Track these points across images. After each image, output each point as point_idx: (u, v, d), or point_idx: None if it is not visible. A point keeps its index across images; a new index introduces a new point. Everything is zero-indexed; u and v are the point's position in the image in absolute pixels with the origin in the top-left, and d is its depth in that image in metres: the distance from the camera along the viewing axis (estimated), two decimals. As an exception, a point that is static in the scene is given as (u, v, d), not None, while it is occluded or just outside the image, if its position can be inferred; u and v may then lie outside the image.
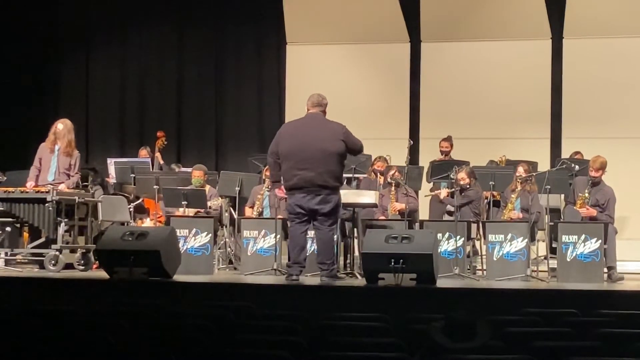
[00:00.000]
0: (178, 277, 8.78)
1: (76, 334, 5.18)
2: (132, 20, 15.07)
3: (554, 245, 9.99)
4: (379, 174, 11.27)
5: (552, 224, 10.13)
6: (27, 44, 14.72)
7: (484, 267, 10.21)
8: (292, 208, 8.83)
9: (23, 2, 14.65)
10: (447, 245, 9.98)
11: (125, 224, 10.98)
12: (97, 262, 9.61)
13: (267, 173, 10.77)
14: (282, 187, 9.08)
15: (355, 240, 10.27)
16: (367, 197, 9.99)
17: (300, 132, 8.86)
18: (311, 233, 9.21)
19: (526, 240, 9.73)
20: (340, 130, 8.83)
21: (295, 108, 13.72)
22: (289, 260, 9.18)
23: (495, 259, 9.79)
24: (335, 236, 9.43)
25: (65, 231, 9.76)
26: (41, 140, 10.25)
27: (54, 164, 10.02)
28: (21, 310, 6.27)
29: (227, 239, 11.10)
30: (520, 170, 10.46)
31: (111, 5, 14.91)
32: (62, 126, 10.12)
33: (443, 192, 10.95)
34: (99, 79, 15.15)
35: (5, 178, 11.30)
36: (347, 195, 9.96)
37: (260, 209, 10.96)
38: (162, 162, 12.88)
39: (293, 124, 9.15)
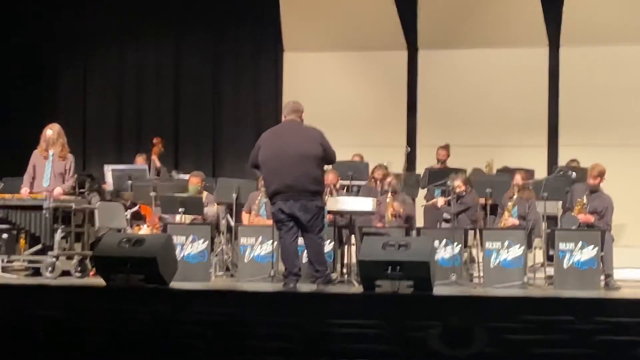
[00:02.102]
0: (175, 284, 8.76)
1: (73, 341, 5.17)
2: (129, 28, 15.06)
3: (551, 253, 10.00)
4: (378, 181, 11.29)
5: (549, 231, 10.14)
6: (25, 50, 14.72)
7: (481, 275, 10.20)
8: (276, 215, 8.81)
9: (20, 9, 14.65)
10: (444, 252, 9.98)
11: (122, 230, 10.96)
12: (94, 269, 9.60)
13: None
14: None
15: (353, 247, 10.27)
16: (365, 204, 9.98)
17: (277, 138, 8.86)
18: (301, 240, 9.20)
19: (523, 247, 9.73)
20: (318, 135, 8.82)
21: (292, 115, 13.73)
22: (285, 270, 9.16)
23: (492, 266, 9.79)
24: (328, 241, 9.43)
25: (62, 238, 9.75)
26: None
27: (48, 170, 10.01)
28: (18, 318, 6.26)
29: (224, 246, 11.08)
30: (518, 178, 10.47)
31: (109, 12, 14.91)
32: (51, 132, 10.11)
33: (440, 201, 10.97)
34: (96, 86, 15.15)
35: (2, 185, 11.28)
36: (345, 202, 9.97)
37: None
38: (159, 164, 12.83)
39: (270, 131, 9.12)
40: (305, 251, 9.12)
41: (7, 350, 4.88)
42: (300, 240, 8.96)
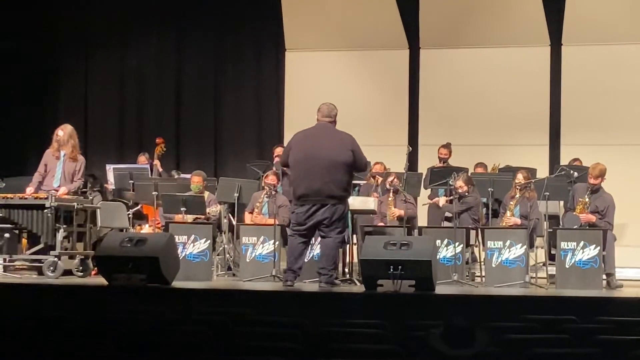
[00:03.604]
0: (177, 284, 8.77)
1: (75, 341, 5.17)
2: (131, 27, 15.07)
3: (552, 252, 10.00)
4: (377, 176, 11.29)
5: (550, 230, 10.14)
6: (26, 50, 14.73)
7: (483, 274, 10.21)
8: (298, 217, 8.83)
9: (22, 8, 14.65)
10: (446, 251, 9.98)
11: (124, 230, 10.97)
12: (96, 268, 9.60)
13: (267, 180, 10.79)
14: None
15: (354, 247, 10.27)
16: (366, 203, 9.98)
17: (308, 141, 8.89)
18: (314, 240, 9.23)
19: (525, 246, 9.73)
20: (349, 140, 8.88)
21: (294, 114, 13.75)
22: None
23: (494, 265, 9.79)
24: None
25: (64, 237, 9.75)
26: (40, 147, 10.27)
27: (59, 170, 10.03)
28: (20, 317, 6.26)
29: (225, 245, 11.09)
30: (520, 177, 10.46)
31: (111, 11, 14.92)
32: (62, 132, 10.14)
33: (442, 200, 10.96)
34: (98, 85, 15.15)
35: (4, 184, 11.29)
36: (346, 201, 9.97)
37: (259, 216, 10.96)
38: (161, 169, 12.86)
39: (302, 133, 9.15)
40: (319, 250, 9.19)
41: (7, 350, 4.88)
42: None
